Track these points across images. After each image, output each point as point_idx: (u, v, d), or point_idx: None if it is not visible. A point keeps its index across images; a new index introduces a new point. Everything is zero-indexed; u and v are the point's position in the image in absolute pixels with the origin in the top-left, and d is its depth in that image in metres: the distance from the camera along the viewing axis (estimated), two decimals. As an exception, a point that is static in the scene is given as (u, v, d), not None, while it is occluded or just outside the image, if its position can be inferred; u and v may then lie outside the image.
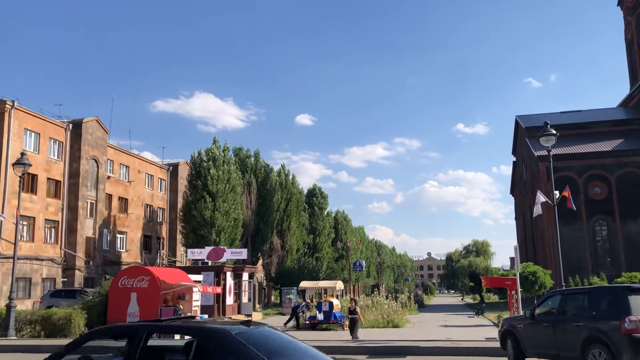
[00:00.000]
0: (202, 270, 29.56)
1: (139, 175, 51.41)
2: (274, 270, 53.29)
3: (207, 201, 40.85)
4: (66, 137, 41.51)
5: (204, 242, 39.68)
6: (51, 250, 39.24)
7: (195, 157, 43.45)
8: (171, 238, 55.77)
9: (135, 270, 20.23)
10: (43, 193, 38.78)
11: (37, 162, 37.11)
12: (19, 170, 20.00)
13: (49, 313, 18.84)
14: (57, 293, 30.86)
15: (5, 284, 34.34)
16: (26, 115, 37.90)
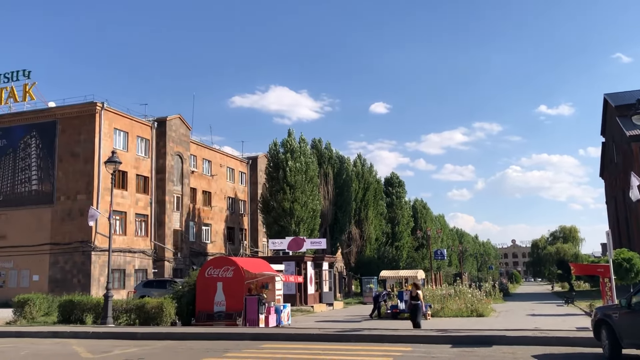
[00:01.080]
0: (283, 260, 30.14)
1: (220, 169, 53.11)
2: (353, 259, 53.48)
3: (286, 192, 41.56)
4: (152, 134, 43.53)
5: (284, 232, 40.43)
6: (142, 243, 41.38)
7: (272, 148, 44.25)
8: (253, 229, 57.29)
9: (220, 261, 20.94)
10: (133, 189, 40.93)
11: (126, 159, 39.17)
12: (111, 168, 21.16)
13: (142, 302, 19.88)
14: (149, 283, 32.54)
15: (102, 275, 36.65)
16: (115, 116, 40.07)
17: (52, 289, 34.43)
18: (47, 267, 37.49)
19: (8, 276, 38.51)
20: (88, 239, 36.74)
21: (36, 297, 21.93)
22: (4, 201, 39.86)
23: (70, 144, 38.63)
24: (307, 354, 12.47)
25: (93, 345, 15.03)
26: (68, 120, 39.09)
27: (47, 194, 38.74)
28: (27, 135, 40.01)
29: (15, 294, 24.62)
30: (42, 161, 39.36)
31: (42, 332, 17.95)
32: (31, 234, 38.19)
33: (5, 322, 21.39)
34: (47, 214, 38.35)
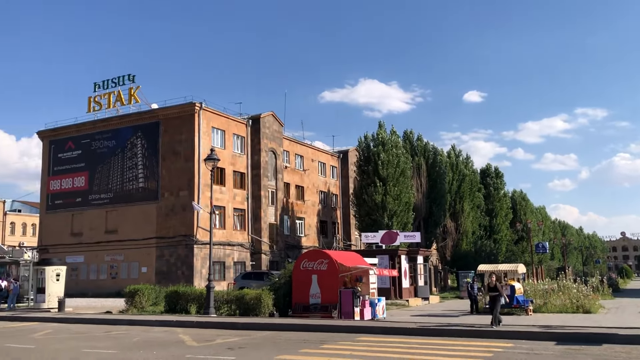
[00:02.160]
0: (376, 253, 30.03)
1: (312, 163, 53.85)
2: (449, 253, 52.33)
3: (378, 186, 41.36)
4: (247, 132, 44.93)
5: (376, 226, 40.28)
6: (240, 237, 42.88)
7: (362, 142, 44.16)
8: (345, 222, 57.61)
9: (314, 254, 21.22)
10: (230, 184, 42.48)
11: (223, 156, 40.70)
12: (210, 165, 22.09)
13: (241, 294, 20.60)
14: (247, 275, 33.65)
15: (203, 267, 38.38)
16: (212, 115, 41.74)
17: (159, 280, 36.51)
18: (154, 259, 39.83)
19: (120, 268, 41.36)
20: (190, 233, 38.60)
21: (145, 288, 23.34)
22: (114, 198, 42.80)
23: (172, 143, 40.74)
24: (403, 348, 12.34)
25: (197, 334, 15.77)
26: (169, 120, 41.24)
27: (153, 191, 41.12)
28: (133, 135, 42.66)
29: (126, 285, 26.37)
30: (147, 160, 41.82)
31: (151, 321, 19.09)
32: (139, 228, 40.74)
33: (119, 311, 22.97)
34: (152, 209, 40.73)
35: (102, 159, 43.81)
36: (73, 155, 45.43)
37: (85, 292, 39.11)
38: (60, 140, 46.45)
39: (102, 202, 43.27)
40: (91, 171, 44.17)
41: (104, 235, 42.42)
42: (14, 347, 13.77)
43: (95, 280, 41.81)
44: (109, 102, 44.16)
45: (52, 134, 47.02)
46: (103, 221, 42.82)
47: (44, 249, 44.74)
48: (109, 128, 43.96)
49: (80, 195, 44.39)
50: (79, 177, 44.76)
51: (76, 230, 44.12)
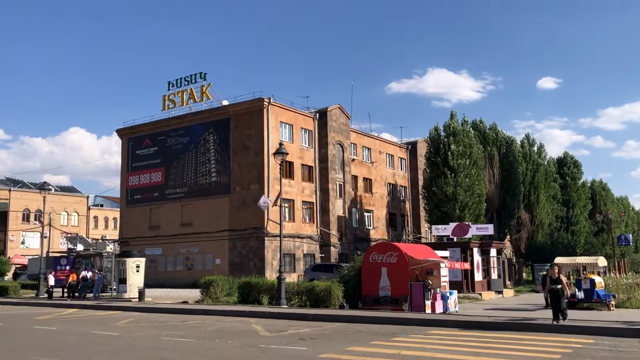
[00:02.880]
0: (447, 246, 29.51)
1: (380, 155, 53.55)
2: (524, 245, 50.65)
3: (448, 177, 40.59)
4: (314, 125, 45.25)
5: (447, 218, 39.58)
6: (309, 229, 43.33)
7: (433, 133, 43.44)
8: (414, 215, 56.98)
9: (384, 246, 21.14)
10: (298, 177, 42.98)
11: (292, 150, 41.16)
12: (279, 159, 22.47)
13: (312, 285, 20.86)
14: (317, 267, 33.99)
15: (274, 259, 39.11)
16: (280, 110, 42.34)
17: (232, 271, 37.53)
18: (227, 251, 40.99)
19: (195, 259, 42.87)
20: (261, 226, 39.41)
21: (219, 279, 24.07)
22: (189, 192, 44.35)
23: (242, 138, 41.69)
24: (476, 342, 12.09)
25: (269, 324, 16.12)
26: (239, 116, 42.20)
27: (225, 185, 42.28)
28: (205, 132, 43.99)
29: (201, 276, 27.30)
30: (219, 155, 43.02)
31: (225, 311, 19.68)
32: (212, 221, 42.03)
33: (195, 301, 23.83)
34: (225, 203, 41.89)
35: (177, 154, 45.46)
36: (150, 152, 47.42)
37: (163, 282, 40.81)
38: (137, 138, 48.60)
39: (178, 196, 44.95)
40: (167, 167, 45.95)
41: (180, 228, 44.08)
42: (100, 334, 14.60)
43: (172, 272, 43.56)
44: (182, 99, 45.71)
45: (130, 132, 49.25)
46: (179, 214, 44.50)
47: (125, 241, 47.05)
48: (182, 125, 45.54)
49: (157, 190, 46.30)
50: (156, 172, 46.69)
51: (154, 224, 46.08)
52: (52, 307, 25.03)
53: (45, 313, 21.90)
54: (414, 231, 55.95)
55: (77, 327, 16.73)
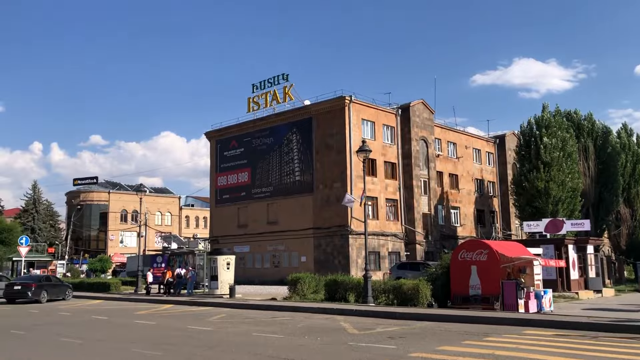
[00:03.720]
0: (540, 243, 28.23)
1: (466, 150, 52.17)
2: (624, 242, 47.53)
3: (540, 171, 38.86)
4: (396, 122, 44.79)
5: (539, 214, 37.91)
6: (393, 227, 42.96)
7: (524, 127, 41.83)
8: (504, 211, 55.04)
9: (473, 244, 20.55)
10: (382, 175, 42.71)
11: (374, 147, 40.81)
12: (362, 156, 22.43)
13: (399, 283, 20.64)
14: (403, 265, 33.63)
15: (359, 257, 39.13)
16: (362, 107, 42.28)
17: (317, 269, 37.90)
18: (312, 249, 41.48)
19: (281, 257, 43.75)
20: (345, 224, 39.54)
21: (305, 277, 24.37)
22: (274, 191, 45.31)
23: (324, 136, 42.03)
24: (575, 344, 11.46)
25: (357, 322, 16.12)
26: (321, 115, 42.57)
27: (308, 184, 42.82)
28: (289, 132, 44.75)
29: (287, 273, 27.77)
30: (302, 154, 43.62)
31: (312, 308, 19.90)
32: (297, 219, 42.69)
33: (283, 298, 24.28)
34: (308, 201, 42.42)
35: (262, 155, 46.59)
36: (236, 153, 48.91)
37: (252, 279, 41.94)
38: (224, 140, 50.27)
39: (264, 195, 46.06)
40: (253, 167, 47.20)
41: (266, 226, 45.14)
42: (196, 329, 15.21)
43: (259, 269, 44.69)
44: (266, 101, 46.75)
45: (218, 135, 51.01)
46: (265, 213, 45.58)
47: (215, 239, 48.83)
48: (267, 126, 46.58)
49: (244, 190, 47.68)
50: (243, 173, 48.09)
51: (242, 222, 47.49)
52: (149, 302, 26.40)
53: (144, 308, 23.12)
54: (504, 228, 54.00)
55: (174, 322, 17.54)
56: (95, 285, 34.91)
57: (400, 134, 44.82)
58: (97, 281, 37.40)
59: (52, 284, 29.62)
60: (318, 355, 10.83)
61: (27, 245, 38.52)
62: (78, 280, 38.73)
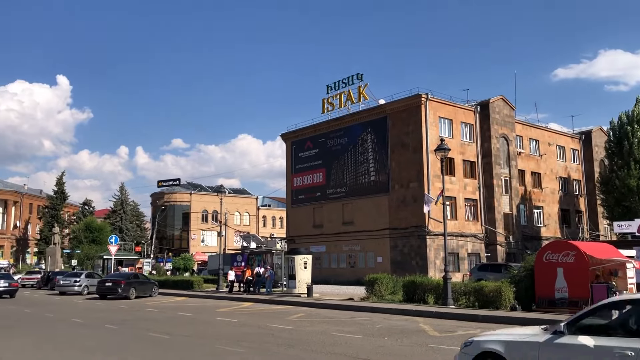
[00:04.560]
0: (633, 244, 26.56)
1: (549, 147, 50.03)
2: None
3: (632, 169, 36.60)
4: (475, 119, 43.58)
5: (630, 214, 35.75)
6: (472, 227, 41.83)
7: (614, 122, 39.58)
8: (591, 210, 52.31)
9: (559, 245, 19.63)
10: (460, 174, 41.70)
11: (452, 146, 39.97)
12: (440, 155, 21.97)
13: (480, 285, 20.01)
14: (484, 267, 32.65)
15: (437, 258, 38.41)
16: (439, 105, 41.47)
17: (394, 269, 37.47)
18: (388, 249, 41.13)
19: (357, 257, 43.70)
20: (422, 224, 38.91)
21: (383, 277, 24.18)
22: (349, 192, 45.33)
23: (400, 136, 41.56)
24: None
25: (437, 324, 15.79)
26: (396, 114, 42.13)
27: (384, 184, 42.50)
28: (363, 132, 44.62)
29: (363, 274, 27.68)
30: (377, 154, 43.36)
31: (390, 309, 19.70)
32: (373, 220, 42.47)
33: (360, 298, 24.21)
34: (384, 201, 42.09)
35: (336, 155, 46.74)
36: (311, 154, 49.35)
37: (328, 279, 42.13)
38: (300, 141, 50.86)
39: (339, 195, 46.18)
40: (328, 167, 47.45)
41: (342, 226, 45.23)
42: (275, 327, 15.46)
43: (335, 269, 44.83)
44: (340, 102, 46.88)
45: (293, 136, 51.70)
46: (340, 213, 45.69)
47: (291, 239, 49.50)
48: (341, 126, 46.68)
49: (320, 190, 48.02)
50: (318, 173, 48.46)
51: (317, 222, 47.86)
52: (230, 300, 27.13)
53: (225, 306, 23.79)
54: (591, 228, 51.29)
55: (254, 319, 17.91)
56: (179, 283, 36.30)
57: (480, 131, 43.57)
58: (181, 279, 38.88)
59: (139, 281, 31.08)
60: (399, 357, 10.69)
61: (117, 244, 40.71)
62: (163, 278, 40.45)
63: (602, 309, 6.79)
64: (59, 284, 34.06)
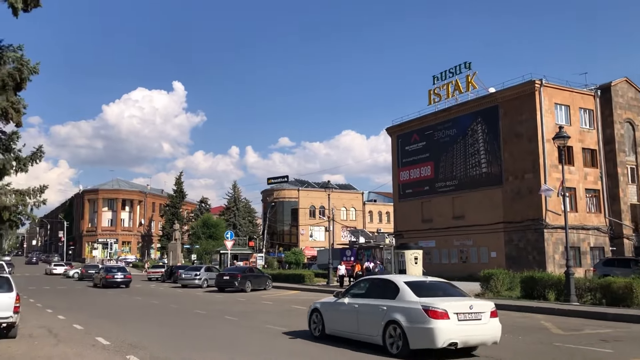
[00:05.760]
0: None
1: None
2: None
3: None
4: (595, 104, 40.65)
5: None
6: (595, 220, 39.10)
7: None
8: None
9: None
10: (579, 163, 39.11)
11: (570, 133, 36.48)
12: (559, 143, 20.68)
13: (607, 281, 18.56)
14: (610, 262, 30.36)
15: (556, 253, 36.35)
16: (554, 90, 39.12)
17: (509, 265, 35.89)
18: (503, 244, 39.48)
19: (469, 252, 42.38)
20: (539, 217, 36.94)
21: (499, 273, 23.22)
22: (459, 185, 44.05)
23: (512, 125, 39.71)
24: None
25: (560, 322, 14.92)
26: (508, 102, 40.27)
27: (496, 176, 40.83)
28: (473, 122, 43.13)
29: (476, 269, 26.77)
30: (488, 145, 41.74)
31: (508, 305, 18.87)
32: (485, 213, 40.95)
33: (475, 294, 23.40)
34: (497, 194, 40.43)
35: (444, 147, 45.58)
36: (418, 147, 48.51)
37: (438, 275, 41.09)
38: (405, 134, 50.18)
39: (448, 189, 45.04)
40: (436, 160, 46.41)
41: (452, 221, 44.06)
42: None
43: (446, 264, 43.76)
44: (447, 92, 45.65)
45: (399, 129, 51.10)
46: (450, 207, 44.54)
47: (399, 234, 49.05)
48: (449, 117, 45.45)
49: (427, 184, 47.11)
50: (425, 166, 47.56)
51: (426, 217, 47.00)
52: (341, 294, 27.34)
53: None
54: None
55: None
56: (291, 277, 37.28)
57: (601, 117, 40.54)
58: (293, 273, 39.90)
59: (254, 274, 32.33)
60: (524, 355, 10.24)
61: (232, 240, 42.59)
62: (276, 272, 41.75)
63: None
64: (181, 278, 36.32)
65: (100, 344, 11.54)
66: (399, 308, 9.93)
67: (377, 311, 10.35)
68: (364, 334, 10.74)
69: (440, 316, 9.36)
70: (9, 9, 10.97)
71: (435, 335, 9.28)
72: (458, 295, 10.61)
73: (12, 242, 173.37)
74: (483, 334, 9.66)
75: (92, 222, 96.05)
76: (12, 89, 11.92)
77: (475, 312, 9.76)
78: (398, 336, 9.78)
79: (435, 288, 10.84)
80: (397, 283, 10.58)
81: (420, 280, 11.78)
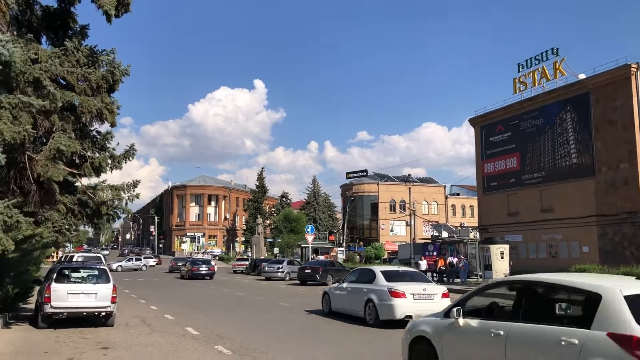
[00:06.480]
0: None
1: None
2: None
3: None
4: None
5: None
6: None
7: None
8: None
9: None
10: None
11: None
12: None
13: None
14: None
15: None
16: (653, 74, 36.38)
17: (603, 260, 33.89)
18: (596, 238, 37.37)
19: (559, 247, 40.43)
20: (637, 210, 34.63)
21: (593, 268, 22.04)
22: (547, 176, 42.08)
23: (605, 112, 37.41)
24: None
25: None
26: (600, 88, 37.96)
27: (587, 166, 38.66)
28: (561, 110, 41.02)
29: (566, 264, 25.46)
30: (578, 134, 39.56)
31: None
32: (575, 206, 38.89)
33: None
34: (589, 185, 38.28)
35: (531, 138, 43.67)
36: (503, 138, 46.76)
37: (526, 270, 39.55)
38: (489, 125, 48.52)
39: (535, 181, 43.15)
40: (522, 151, 44.56)
41: (540, 214, 42.19)
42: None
43: (534, 259, 41.97)
44: (533, 80, 43.67)
45: (482, 120, 49.49)
46: (537, 200, 42.66)
47: (484, 228, 47.59)
48: (535, 106, 43.48)
49: (513, 176, 45.35)
50: (511, 158, 45.78)
51: (512, 210, 45.28)
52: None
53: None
54: None
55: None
56: (373, 271, 37.12)
57: None
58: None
59: (335, 268, 32.52)
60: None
61: (313, 234, 43.07)
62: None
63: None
64: (265, 270, 37.22)
65: (190, 334, 12.01)
66: (374, 290, 13.41)
67: (361, 292, 13.83)
68: (354, 309, 14.22)
69: (399, 295, 12.83)
70: (103, 15, 11.53)
71: (395, 309, 12.75)
72: (423, 281, 14.07)
73: (107, 236, 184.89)
74: (433, 310, 10.59)
75: (181, 217, 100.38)
76: (106, 90, 12.60)
77: (428, 293, 13.13)
78: (372, 310, 13.20)
79: (404, 275, 14.35)
80: (375, 272, 14.20)
81: (394, 269, 15.62)
